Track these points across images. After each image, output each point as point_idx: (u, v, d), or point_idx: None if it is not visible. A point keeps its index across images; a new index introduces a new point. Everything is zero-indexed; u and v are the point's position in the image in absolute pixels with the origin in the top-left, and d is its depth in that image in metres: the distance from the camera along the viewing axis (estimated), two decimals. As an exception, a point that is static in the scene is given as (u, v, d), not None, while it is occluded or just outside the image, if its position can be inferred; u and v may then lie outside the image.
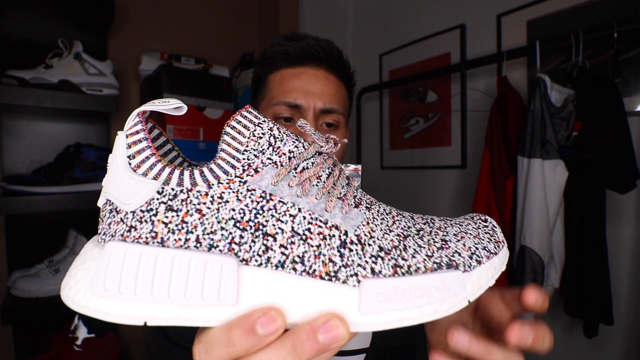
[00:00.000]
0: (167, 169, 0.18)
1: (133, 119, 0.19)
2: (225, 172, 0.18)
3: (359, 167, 0.22)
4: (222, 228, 0.17)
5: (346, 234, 0.19)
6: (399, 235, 0.20)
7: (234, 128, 0.19)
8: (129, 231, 0.17)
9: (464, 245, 0.20)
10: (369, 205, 0.21)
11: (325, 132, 0.48)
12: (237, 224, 0.17)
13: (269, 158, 0.19)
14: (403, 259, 0.19)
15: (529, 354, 0.23)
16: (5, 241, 0.97)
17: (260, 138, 0.19)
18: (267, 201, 0.18)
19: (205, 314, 0.16)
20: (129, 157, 0.18)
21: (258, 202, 0.18)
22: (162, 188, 0.17)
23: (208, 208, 0.17)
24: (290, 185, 0.19)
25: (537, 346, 0.21)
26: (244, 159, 0.18)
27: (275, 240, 0.17)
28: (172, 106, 0.18)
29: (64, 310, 0.88)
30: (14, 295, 0.84)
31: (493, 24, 1.21)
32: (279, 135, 0.20)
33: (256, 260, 0.17)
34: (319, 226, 0.18)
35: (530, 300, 0.22)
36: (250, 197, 0.18)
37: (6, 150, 0.97)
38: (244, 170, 0.18)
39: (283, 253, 0.17)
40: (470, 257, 0.20)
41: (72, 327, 0.89)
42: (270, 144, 0.19)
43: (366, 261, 0.18)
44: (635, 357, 0.93)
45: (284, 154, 0.19)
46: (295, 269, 0.17)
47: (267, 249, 0.17)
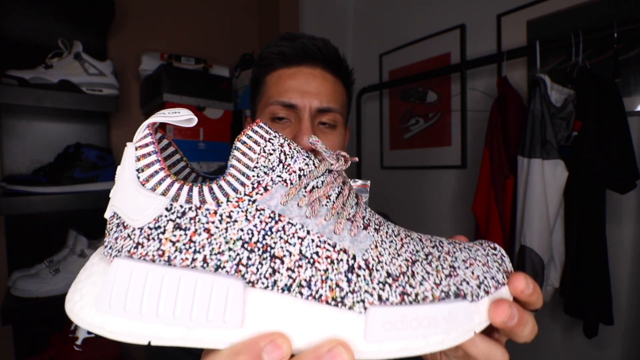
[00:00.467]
0: (176, 185, 0.18)
1: (143, 130, 0.18)
2: (235, 190, 0.18)
3: (368, 183, 0.22)
4: (229, 249, 0.17)
5: (354, 258, 0.18)
6: (407, 260, 0.20)
7: (244, 143, 0.19)
8: (135, 248, 0.17)
9: (473, 273, 0.20)
10: (377, 227, 0.21)
11: (322, 132, 0.47)
12: (245, 245, 0.17)
13: (278, 176, 0.18)
14: (411, 286, 0.18)
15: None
16: (5, 241, 0.97)
17: (271, 154, 0.19)
18: (276, 222, 0.18)
19: (210, 336, 0.16)
20: (137, 170, 0.18)
21: (267, 223, 0.18)
22: (171, 205, 0.17)
23: (216, 227, 0.17)
24: (299, 205, 0.18)
25: (519, 331, 0.20)
26: (253, 175, 0.18)
27: (282, 263, 0.17)
28: (183, 118, 0.18)
29: (64, 310, 0.88)
30: (14, 295, 0.84)
31: (493, 24, 1.21)
32: (290, 152, 0.19)
33: (263, 283, 0.17)
34: (327, 250, 0.18)
35: (518, 286, 0.20)
36: (259, 217, 0.18)
37: (6, 150, 0.97)
38: (253, 188, 0.18)
39: (290, 276, 0.17)
40: (479, 287, 0.20)
41: (72, 327, 0.89)
42: (280, 161, 0.19)
43: (373, 287, 0.18)
44: (635, 357, 0.93)
45: (294, 172, 0.19)
46: (301, 293, 0.17)
47: (274, 271, 0.17)
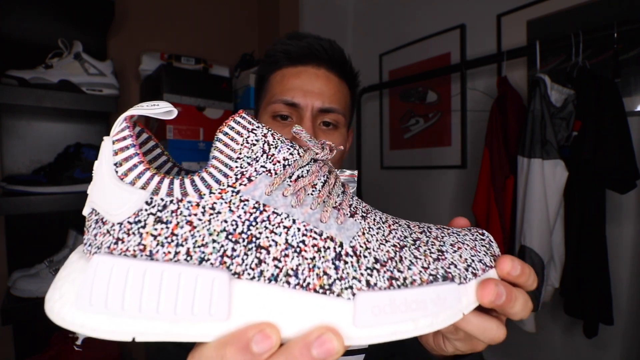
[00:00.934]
0: (156, 178, 0.17)
1: (120, 123, 0.18)
2: (218, 181, 0.17)
3: (355, 173, 0.22)
4: (213, 240, 0.17)
5: (341, 245, 0.18)
6: (394, 246, 0.19)
7: (226, 134, 0.18)
8: (115, 243, 0.17)
9: (460, 256, 0.20)
10: (364, 214, 0.20)
11: (323, 132, 0.47)
12: (230, 236, 0.17)
13: (262, 166, 0.18)
14: (399, 270, 0.18)
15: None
16: (5, 241, 0.97)
17: (254, 145, 0.18)
18: (261, 212, 0.17)
19: (196, 330, 0.16)
20: (115, 164, 0.17)
21: (251, 214, 0.17)
22: (151, 198, 0.17)
23: (199, 220, 0.17)
24: (284, 195, 0.18)
25: (509, 308, 0.20)
26: (237, 167, 0.18)
27: (268, 253, 0.17)
28: (161, 110, 0.18)
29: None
30: (14, 295, 0.84)
31: (493, 24, 1.21)
32: (273, 141, 0.19)
33: (249, 274, 0.17)
34: (314, 238, 0.18)
35: (504, 268, 0.20)
36: (243, 207, 0.17)
37: (6, 150, 0.97)
38: (236, 179, 0.18)
39: (276, 266, 0.17)
40: (466, 270, 0.20)
41: (72, 327, 0.89)
42: (264, 151, 0.19)
43: (361, 274, 0.18)
44: (635, 357, 0.93)
45: (279, 162, 0.19)
46: (289, 282, 0.17)
47: (260, 262, 0.17)
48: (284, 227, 0.18)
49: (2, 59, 0.92)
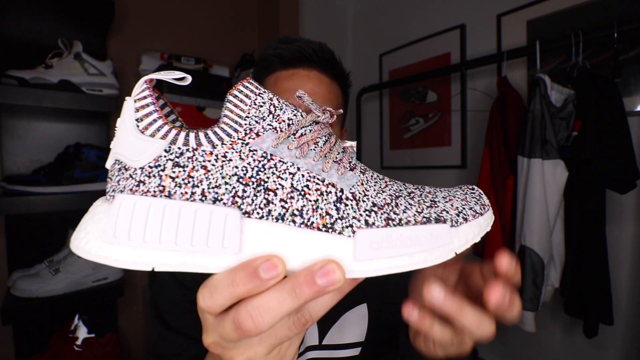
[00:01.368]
0: (174, 131, 0.19)
1: (140, 85, 0.20)
2: (229, 135, 0.19)
3: (354, 144, 0.24)
4: (226, 183, 0.18)
5: (342, 191, 0.20)
6: (390, 195, 0.21)
7: (236, 97, 0.20)
8: (137, 185, 0.18)
9: (452, 205, 0.22)
10: (363, 171, 0.22)
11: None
12: (240, 180, 0.19)
13: (269, 124, 0.20)
14: (395, 213, 0.20)
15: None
16: (5, 241, 0.97)
17: (261, 106, 0.20)
18: (268, 160, 0.19)
19: (210, 261, 0.17)
20: (137, 120, 0.19)
21: (259, 161, 0.19)
22: (169, 147, 0.19)
23: (213, 165, 0.19)
24: (289, 148, 0.20)
25: (508, 313, 0.21)
26: (245, 124, 0.20)
27: (275, 195, 0.19)
28: (177, 76, 0.20)
29: (64, 310, 0.88)
30: (14, 295, 0.84)
31: (493, 24, 1.21)
32: (279, 104, 0.21)
33: (258, 213, 0.18)
34: (317, 183, 0.20)
35: (503, 265, 0.22)
36: (252, 156, 0.19)
37: (6, 150, 0.97)
38: (246, 134, 0.20)
39: (283, 207, 0.19)
40: (458, 215, 0.21)
41: (72, 327, 0.89)
42: (270, 112, 0.20)
43: (360, 214, 0.19)
44: (635, 357, 0.93)
45: (284, 121, 0.20)
46: (294, 221, 0.19)
47: (268, 202, 0.19)
48: (290, 173, 0.19)
49: (2, 59, 0.92)
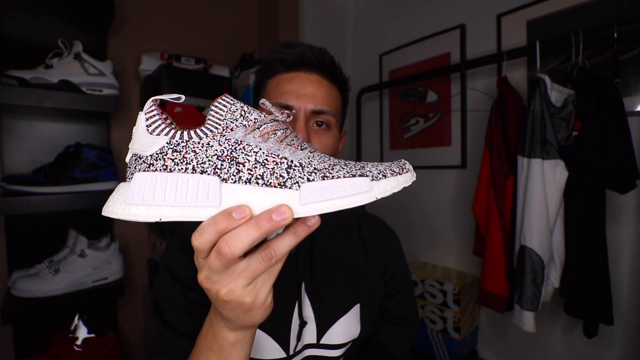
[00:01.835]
0: (173, 131, 0.28)
1: (149, 103, 0.29)
2: (211, 131, 0.28)
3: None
4: (209, 160, 0.27)
5: (292, 162, 0.28)
6: (330, 164, 0.28)
7: (216, 106, 0.29)
8: (148, 167, 0.27)
9: (376, 169, 0.28)
10: (312, 151, 0.30)
11: (316, 132, 0.53)
12: (219, 158, 0.27)
13: (240, 122, 0.28)
14: (330, 173, 0.27)
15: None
16: (5, 241, 0.97)
17: (234, 112, 0.29)
18: (239, 144, 0.27)
19: (199, 212, 0.26)
20: (147, 126, 0.28)
21: (233, 146, 0.27)
22: (170, 140, 0.27)
23: (200, 150, 0.27)
24: (254, 137, 0.28)
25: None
26: (223, 124, 0.28)
27: (244, 166, 0.27)
28: (174, 96, 0.29)
29: (64, 310, 0.88)
30: (14, 295, 0.84)
31: (493, 24, 1.21)
32: (247, 110, 0.29)
33: (232, 179, 0.27)
34: (274, 158, 0.27)
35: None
36: (227, 143, 0.27)
37: (6, 150, 0.98)
38: (223, 129, 0.28)
39: (250, 173, 0.27)
40: (379, 174, 0.27)
41: (72, 327, 0.89)
42: (241, 115, 0.29)
43: (304, 175, 0.27)
44: (635, 357, 0.93)
45: (251, 120, 0.29)
46: (257, 183, 0.27)
47: (239, 171, 0.27)
48: (254, 152, 0.27)
49: (2, 59, 0.92)
